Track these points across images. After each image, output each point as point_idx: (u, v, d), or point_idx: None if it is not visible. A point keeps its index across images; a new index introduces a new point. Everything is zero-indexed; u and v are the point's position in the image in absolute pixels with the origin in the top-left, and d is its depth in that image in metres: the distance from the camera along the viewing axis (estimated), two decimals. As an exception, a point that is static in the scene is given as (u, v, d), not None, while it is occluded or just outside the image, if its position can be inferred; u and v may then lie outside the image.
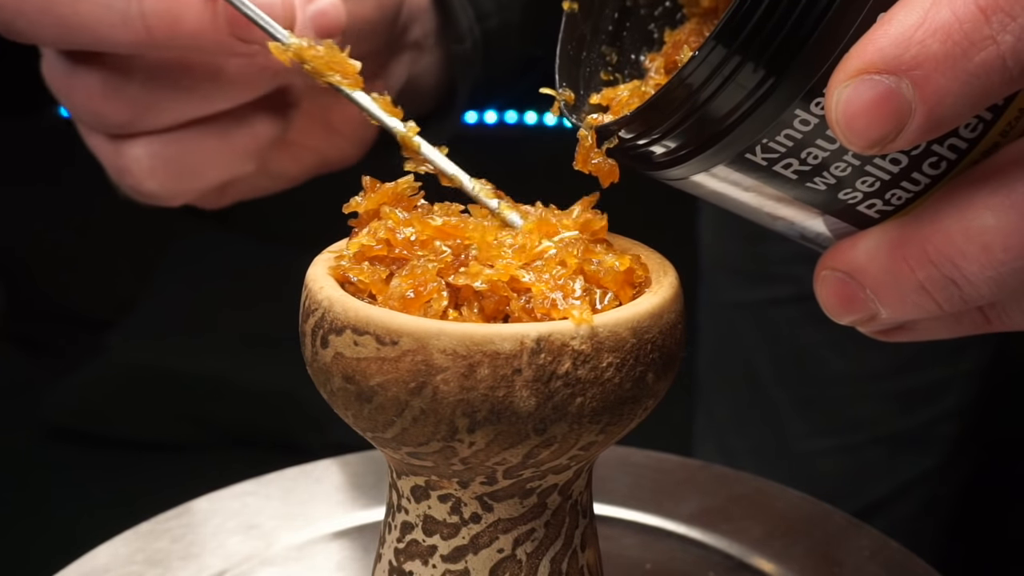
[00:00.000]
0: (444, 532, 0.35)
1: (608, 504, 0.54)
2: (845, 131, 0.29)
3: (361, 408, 0.32)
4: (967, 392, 0.86)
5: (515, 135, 1.96)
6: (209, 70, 0.48)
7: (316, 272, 0.35)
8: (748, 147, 0.32)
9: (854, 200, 0.34)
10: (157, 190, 0.50)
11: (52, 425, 1.55)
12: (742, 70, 0.30)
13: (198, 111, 0.49)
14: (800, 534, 0.52)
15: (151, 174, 0.50)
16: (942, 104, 0.28)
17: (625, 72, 0.40)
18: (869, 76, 0.28)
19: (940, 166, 0.32)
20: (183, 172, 0.50)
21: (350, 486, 0.56)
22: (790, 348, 0.89)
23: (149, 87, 0.48)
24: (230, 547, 0.52)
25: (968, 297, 0.32)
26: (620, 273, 0.34)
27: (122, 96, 0.48)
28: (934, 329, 0.37)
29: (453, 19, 0.64)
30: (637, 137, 0.33)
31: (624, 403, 0.32)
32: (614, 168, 0.35)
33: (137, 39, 0.44)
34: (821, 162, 0.32)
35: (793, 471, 0.87)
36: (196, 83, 0.48)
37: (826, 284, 0.35)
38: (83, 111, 0.49)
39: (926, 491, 0.87)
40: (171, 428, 1.56)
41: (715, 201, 0.36)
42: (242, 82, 0.49)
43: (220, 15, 0.44)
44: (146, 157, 0.49)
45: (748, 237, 0.90)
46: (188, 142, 0.50)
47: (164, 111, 0.49)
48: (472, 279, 0.33)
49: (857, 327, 0.36)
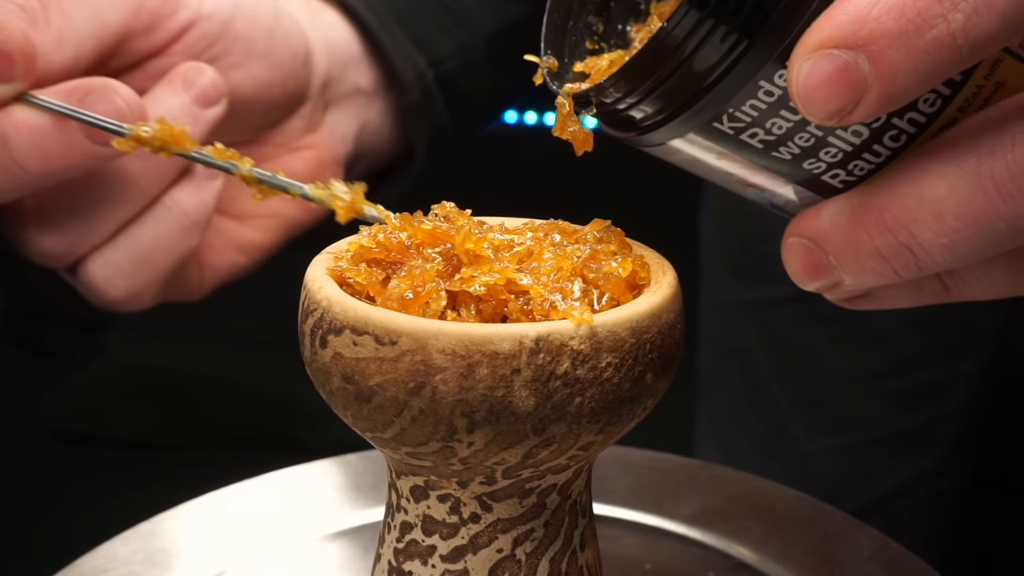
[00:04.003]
0: (443, 532, 0.35)
1: (608, 504, 0.54)
2: (805, 103, 0.30)
3: (360, 408, 0.32)
4: (967, 392, 0.86)
5: (515, 135, 1.96)
6: (113, 174, 0.51)
7: (315, 272, 0.35)
8: (716, 115, 0.33)
9: (818, 170, 0.34)
10: (122, 295, 0.53)
11: (52, 425, 1.55)
12: (713, 36, 0.31)
13: (125, 213, 0.52)
14: (800, 534, 0.52)
15: (109, 283, 0.53)
16: (896, 79, 0.29)
17: (611, 42, 0.40)
18: (828, 51, 0.29)
19: (900, 139, 0.33)
20: (136, 270, 0.53)
21: (350, 486, 0.56)
22: (790, 348, 0.89)
23: (73, 213, 0.52)
24: (229, 547, 0.52)
25: (923, 264, 0.33)
26: (621, 280, 0.34)
27: (55, 231, 0.52)
28: (896, 297, 0.38)
29: (394, 70, 0.65)
30: (615, 102, 0.34)
31: (623, 403, 0.32)
32: (589, 136, 0.36)
33: (19, 180, 0.48)
34: (785, 132, 0.33)
35: (793, 471, 0.87)
36: (110, 189, 0.52)
37: (792, 251, 0.36)
38: (39, 257, 0.53)
39: (926, 491, 0.87)
40: (171, 428, 1.56)
41: (691, 168, 0.37)
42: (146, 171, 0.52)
43: (76, 131, 0.47)
44: (99, 271, 0.53)
45: (748, 237, 0.90)
46: (128, 241, 0.53)
47: (96, 227, 0.52)
48: (467, 284, 0.33)
49: (823, 294, 0.37)
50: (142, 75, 0.53)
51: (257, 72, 0.56)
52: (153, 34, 0.53)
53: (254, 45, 0.56)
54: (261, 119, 0.59)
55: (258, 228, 0.60)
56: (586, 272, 0.34)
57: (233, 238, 0.59)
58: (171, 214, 0.53)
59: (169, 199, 0.53)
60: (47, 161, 0.47)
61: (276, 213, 0.60)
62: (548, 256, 0.34)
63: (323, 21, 0.63)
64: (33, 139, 0.47)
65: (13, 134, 0.47)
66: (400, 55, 0.65)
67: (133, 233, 0.53)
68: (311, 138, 0.62)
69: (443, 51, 0.68)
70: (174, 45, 0.53)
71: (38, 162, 0.47)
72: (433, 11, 0.69)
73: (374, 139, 0.67)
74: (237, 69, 0.55)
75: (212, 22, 0.54)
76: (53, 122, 0.47)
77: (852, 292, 0.37)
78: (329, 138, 0.63)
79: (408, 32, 0.66)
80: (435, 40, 0.68)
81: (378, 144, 0.67)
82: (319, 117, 0.62)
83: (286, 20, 0.58)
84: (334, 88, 0.63)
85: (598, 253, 0.35)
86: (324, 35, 0.62)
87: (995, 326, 0.84)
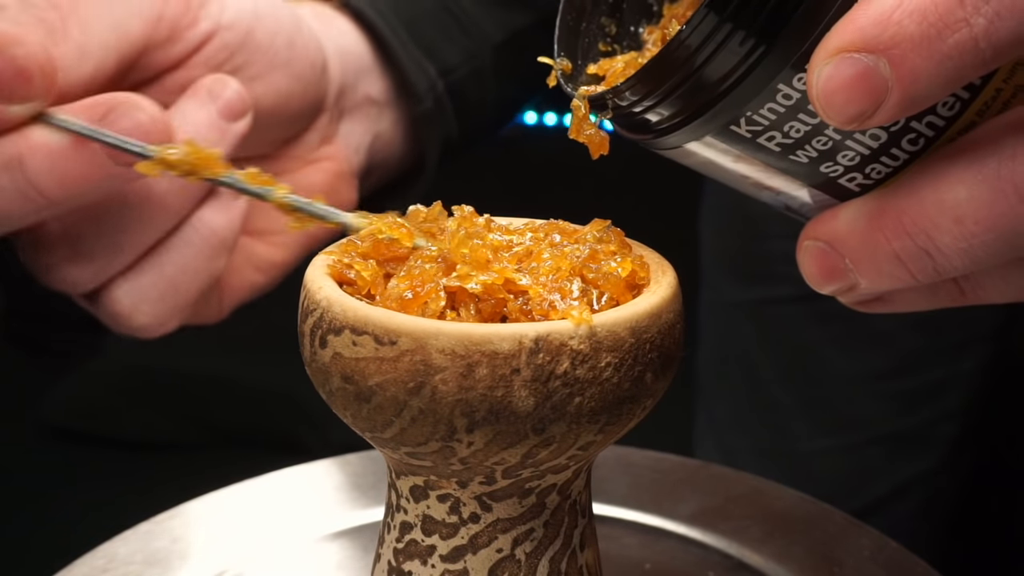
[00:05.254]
0: (443, 532, 0.35)
1: (607, 504, 0.54)
2: (825, 106, 0.30)
3: (360, 408, 0.32)
4: (967, 392, 0.86)
5: (515, 135, 1.96)
6: (138, 195, 0.49)
7: (315, 272, 0.35)
8: (734, 119, 0.32)
9: (835, 173, 0.34)
10: (149, 321, 0.51)
11: (52, 425, 1.55)
12: (731, 39, 0.31)
13: (151, 236, 0.50)
14: (800, 534, 0.52)
15: (135, 309, 0.51)
16: (917, 83, 0.29)
17: (624, 44, 0.40)
18: (849, 55, 0.29)
19: (918, 142, 0.33)
20: (163, 295, 0.51)
21: (350, 486, 0.56)
22: (790, 348, 0.89)
23: (98, 237, 0.49)
24: (229, 547, 0.52)
25: (941, 268, 0.33)
26: (621, 280, 0.34)
27: (79, 257, 0.49)
28: (911, 300, 0.37)
29: (407, 80, 0.64)
30: (631, 105, 0.34)
31: (623, 403, 0.32)
32: (605, 139, 0.36)
33: (37, 205, 0.45)
34: (803, 136, 0.33)
35: (793, 471, 0.87)
36: (135, 212, 0.49)
37: (808, 254, 0.36)
38: (61, 284, 0.50)
39: (926, 491, 0.87)
40: (171, 428, 1.56)
41: (705, 171, 0.37)
42: (173, 191, 0.50)
43: (98, 152, 0.44)
44: (125, 297, 0.50)
45: (748, 236, 0.90)
46: (154, 266, 0.51)
47: (122, 251, 0.50)
48: (464, 281, 0.33)
49: (838, 297, 0.37)
50: (161, 89, 0.51)
51: (279, 83, 0.54)
52: (173, 46, 0.50)
53: (275, 55, 0.54)
54: (282, 132, 0.57)
55: (277, 245, 0.58)
56: (585, 272, 0.34)
57: (252, 256, 0.57)
58: (200, 236, 0.51)
59: (197, 220, 0.51)
60: (67, 185, 0.45)
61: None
62: (547, 256, 0.34)
63: (336, 29, 0.62)
64: (52, 162, 0.44)
65: (31, 157, 0.44)
66: (412, 64, 0.64)
67: (160, 257, 0.50)
68: (327, 149, 0.60)
69: (452, 61, 0.67)
70: (194, 57, 0.51)
71: (57, 187, 0.45)
72: (441, 20, 0.68)
73: (386, 150, 0.65)
74: (258, 80, 0.53)
75: (233, 32, 0.52)
76: (73, 143, 0.44)
77: (867, 296, 0.37)
78: (344, 149, 0.61)
79: (418, 41, 0.65)
80: (444, 49, 0.67)
81: (389, 155, 0.66)
82: (334, 128, 0.61)
83: (305, 29, 0.56)
84: (347, 98, 0.62)
85: (598, 253, 0.35)
86: (337, 43, 0.61)
87: (995, 326, 0.85)
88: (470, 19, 0.69)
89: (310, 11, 0.61)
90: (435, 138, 0.66)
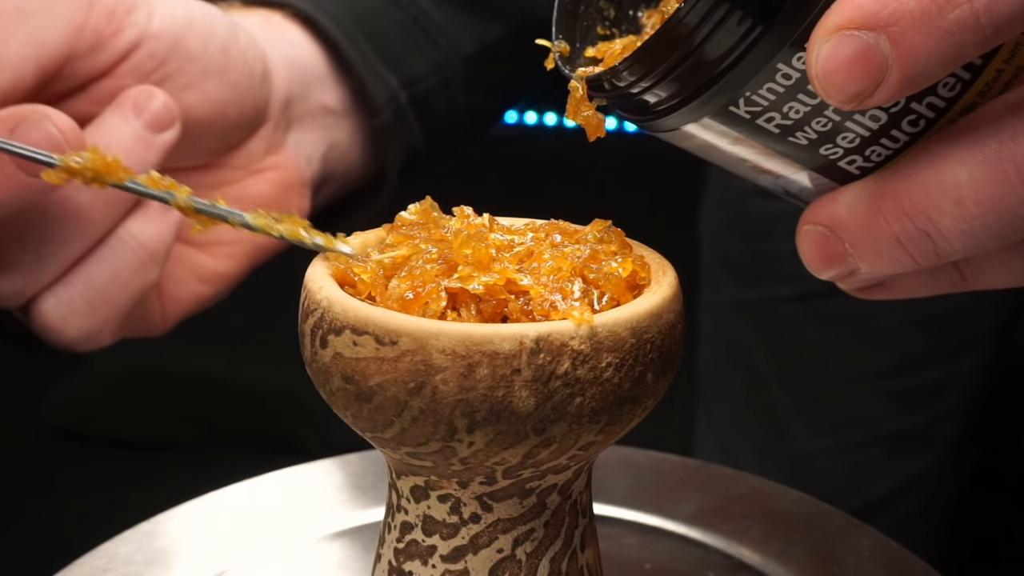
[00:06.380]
0: (443, 532, 0.35)
1: (608, 504, 0.54)
2: (824, 85, 0.30)
3: (360, 408, 0.32)
4: (967, 392, 0.86)
5: (515, 135, 1.96)
6: (61, 207, 0.48)
7: (315, 272, 0.35)
8: (732, 99, 0.32)
9: (835, 156, 0.34)
10: (79, 334, 0.51)
11: (51, 425, 1.55)
12: (730, 18, 0.30)
13: (77, 248, 0.50)
14: (800, 534, 0.52)
15: (64, 322, 0.50)
16: (917, 60, 0.29)
17: (622, 27, 0.40)
18: (848, 32, 0.29)
19: (919, 124, 0.33)
20: (93, 308, 0.50)
21: (350, 486, 0.56)
22: (790, 348, 0.89)
23: (22, 249, 0.48)
24: (229, 547, 0.52)
25: (942, 251, 0.33)
26: (622, 280, 0.34)
27: (5, 269, 0.48)
28: (911, 286, 0.37)
29: (364, 90, 0.63)
30: (629, 85, 0.33)
31: (623, 403, 0.32)
32: (601, 121, 0.36)
33: None
34: (802, 117, 0.33)
35: (793, 471, 0.87)
36: (59, 223, 0.49)
37: (807, 238, 0.36)
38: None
39: (926, 491, 0.87)
40: (170, 428, 1.56)
41: (704, 154, 0.36)
42: (98, 203, 0.49)
43: (6, 163, 0.44)
44: (53, 310, 0.50)
45: (749, 236, 0.90)
46: (81, 278, 0.50)
47: (47, 263, 0.49)
48: (466, 282, 0.33)
49: (837, 283, 0.37)
50: (87, 99, 0.50)
51: (212, 92, 0.53)
52: (98, 55, 0.50)
53: (208, 64, 0.53)
54: (219, 141, 0.57)
55: (222, 256, 0.57)
56: (586, 272, 0.34)
57: (196, 268, 0.57)
58: (127, 247, 0.50)
59: (124, 231, 0.50)
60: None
61: (240, 239, 0.57)
62: (548, 256, 0.34)
63: (284, 38, 0.61)
64: None
65: None
66: (371, 74, 0.63)
67: (87, 269, 0.50)
68: (273, 159, 0.59)
69: (418, 72, 0.66)
70: (121, 66, 0.50)
71: None
72: (408, 32, 0.67)
73: (343, 160, 0.64)
74: (190, 90, 0.52)
75: (161, 41, 0.51)
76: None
77: (867, 281, 0.37)
78: (294, 159, 0.60)
79: (380, 52, 0.64)
80: (410, 60, 0.66)
81: (347, 165, 0.65)
82: (281, 137, 0.60)
83: (242, 37, 0.55)
84: (297, 107, 0.61)
85: (598, 253, 0.35)
86: (285, 52, 0.60)
87: (995, 326, 0.85)
88: (440, 30, 0.68)
89: (259, 20, 0.60)
90: (395, 148, 0.65)
